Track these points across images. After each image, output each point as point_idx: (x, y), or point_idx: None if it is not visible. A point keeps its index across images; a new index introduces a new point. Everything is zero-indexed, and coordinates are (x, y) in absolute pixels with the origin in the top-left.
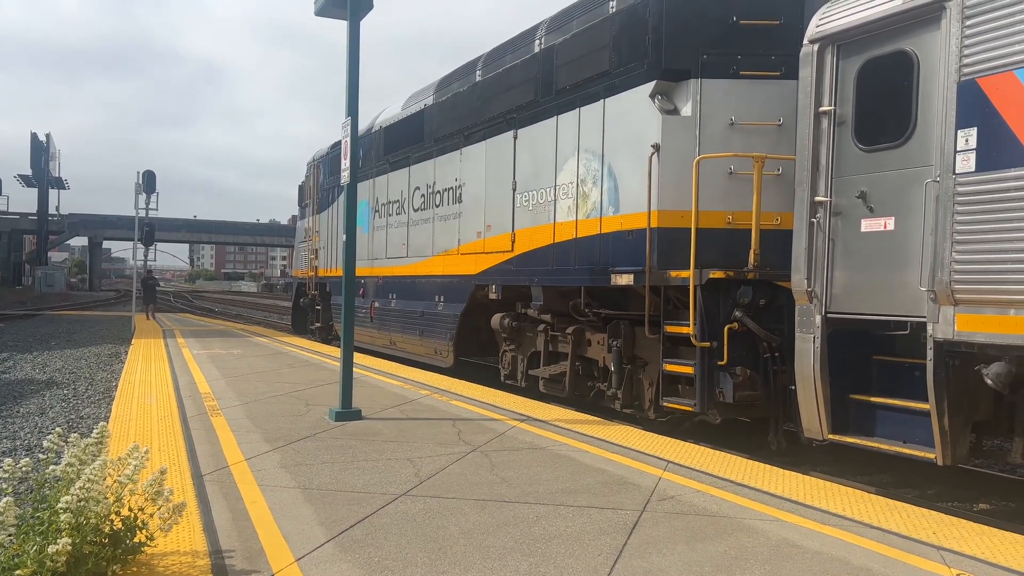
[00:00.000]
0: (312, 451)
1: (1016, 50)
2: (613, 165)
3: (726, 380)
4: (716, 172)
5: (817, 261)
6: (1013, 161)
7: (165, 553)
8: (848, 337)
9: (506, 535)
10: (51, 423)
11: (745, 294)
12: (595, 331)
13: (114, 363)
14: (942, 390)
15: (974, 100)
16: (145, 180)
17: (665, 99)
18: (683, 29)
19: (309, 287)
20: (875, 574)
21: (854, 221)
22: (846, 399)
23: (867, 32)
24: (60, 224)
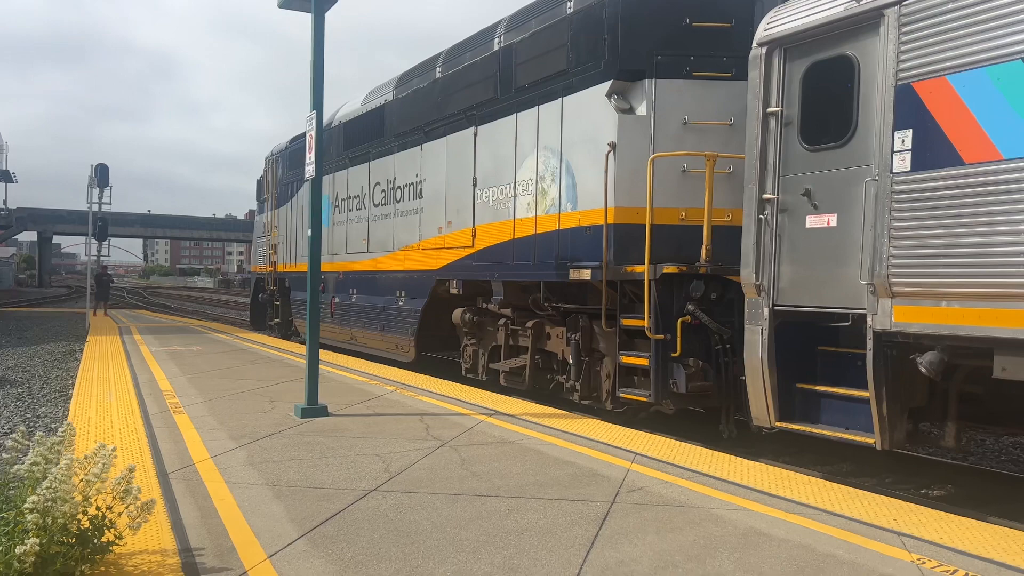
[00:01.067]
0: (279, 448)
1: (948, 56)
2: (571, 162)
3: (679, 371)
4: (670, 170)
5: (765, 256)
6: (944, 161)
7: (133, 552)
8: (795, 329)
9: (479, 528)
10: (5, 422)
11: (697, 288)
12: (554, 325)
13: (69, 361)
14: (880, 379)
15: (910, 103)
16: (98, 174)
17: (621, 99)
18: (638, 30)
19: (268, 283)
20: (840, 560)
21: (800, 218)
22: (793, 388)
23: (812, 37)
24: (8, 218)
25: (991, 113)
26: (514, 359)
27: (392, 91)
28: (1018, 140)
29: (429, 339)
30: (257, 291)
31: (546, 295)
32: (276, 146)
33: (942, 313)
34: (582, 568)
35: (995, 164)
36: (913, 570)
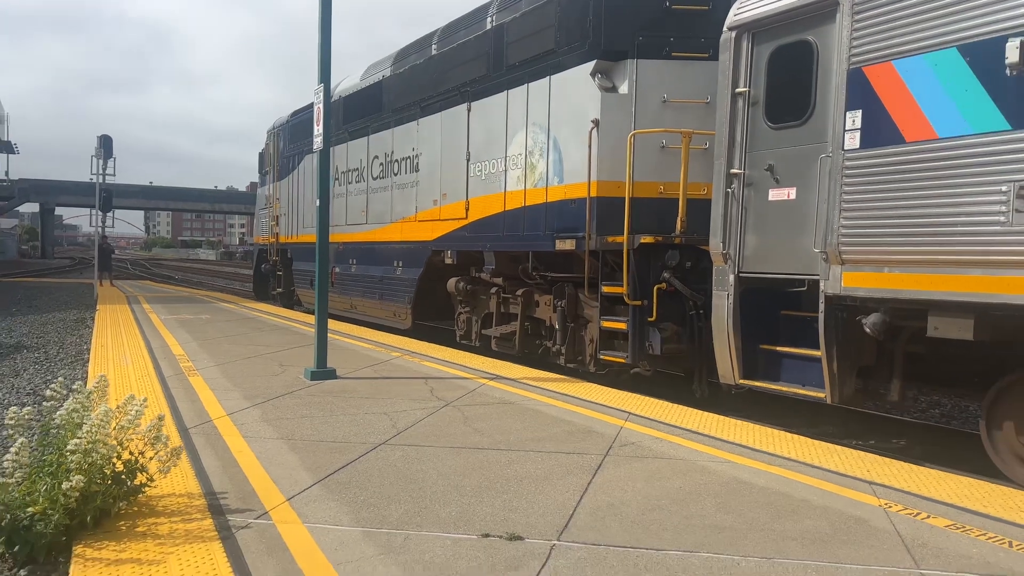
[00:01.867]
0: (291, 407)
1: (894, 43)
2: (558, 138)
3: (655, 335)
4: (650, 146)
5: (731, 227)
6: (889, 140)
7: (163, 495)
8: (759, 294)
9: (480, 476)
10: (27, 384)
11: (673, 257)
12: (542, 293)
13: (81, 328)
14: (831, 339)
15: (860, 86)
16: (103, 145)
17: (604, 77)
18: (621, 12)
19: (270, 253)
20: (813, 504)
21: (763, 191)
22: (757, 349)
23: (777, 22)
24: (10, 190)
25: (928, 96)
26: (505, 326)
27: (390, 67)
28: (951, 121)
29: (425, 307)
30: (260, 262)
31: (534, 264)
32: (278, 119)
33: (884, 278)
34: (575, 509)
35: (931, 143)
36: (880, 513)
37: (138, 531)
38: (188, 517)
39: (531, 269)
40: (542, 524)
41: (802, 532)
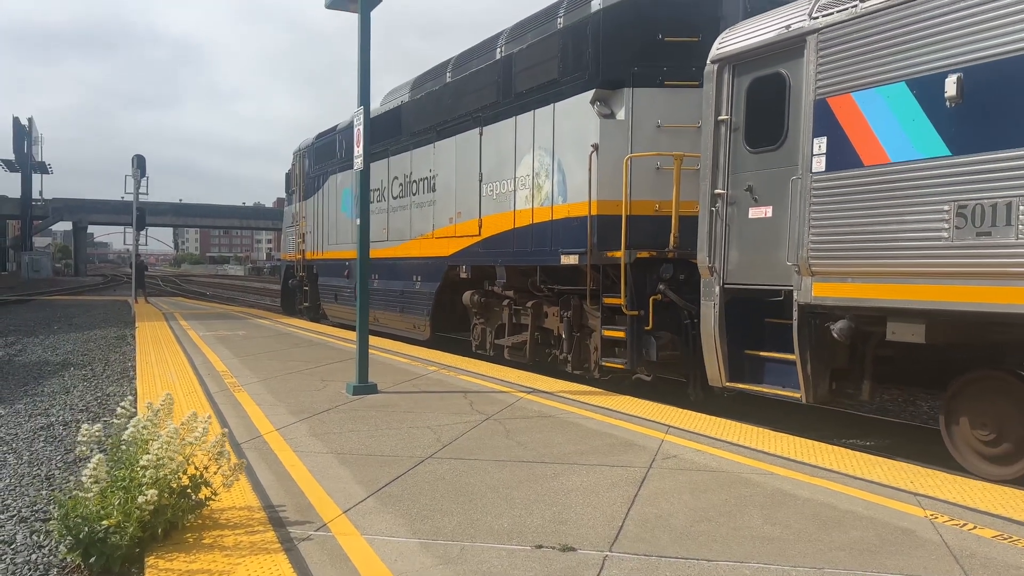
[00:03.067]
0: (337, 421)
1: (853, 76)
2: (562, 161)
3: (651, 342)
4: (646, 168)
5: (716, 242)
6: (849, 164)
7: (224, 508)
8: (745, 303)
9: (528, 489)
10: (79, 400)
11: (667, 271)
12: (550, 305)
13: (123, 345)
14: (804, 344)
15: (825, 115)
16: (137, 164)
17: (603, 105)
18: (617, 44)
19: (297, 269)
20: (859, 515)
21: (744, 209)
22: (743, 354)
23: (753, 56)
24: (44, 209)
25: (882, 124)
26: (517, 336)
27: (408, 93)
28: (901, 146)
29: (443, 319)
30: (287, 277)
31: (542, 278)
32: (303, 141)
33: (848, 288)
34: (624, 521)
35: (885, 167)
36: (926, 524)
37: (205, 543)
38: (251, 530)
39: (539, 282)
40: (593, 535)
41: (850, 543)
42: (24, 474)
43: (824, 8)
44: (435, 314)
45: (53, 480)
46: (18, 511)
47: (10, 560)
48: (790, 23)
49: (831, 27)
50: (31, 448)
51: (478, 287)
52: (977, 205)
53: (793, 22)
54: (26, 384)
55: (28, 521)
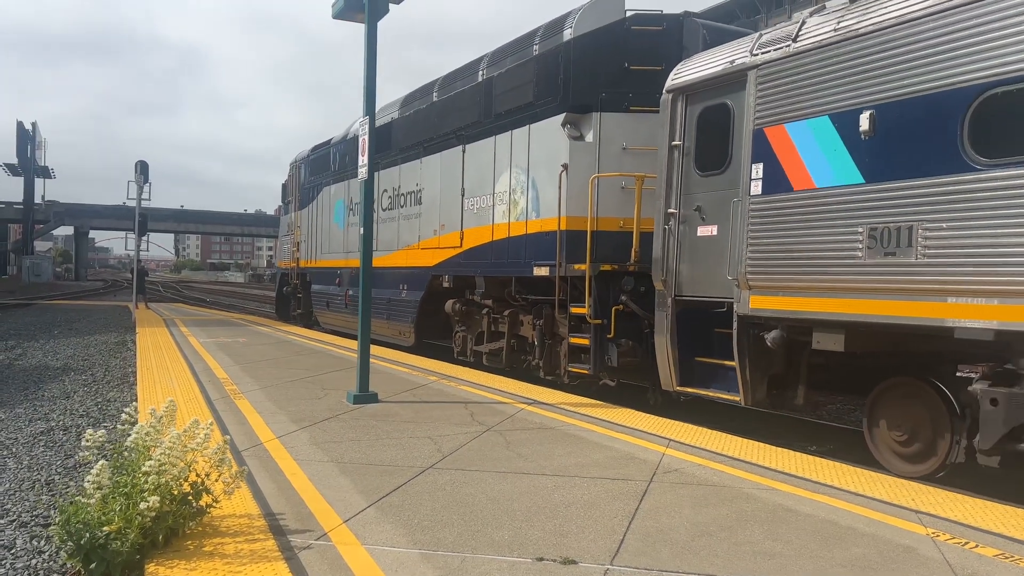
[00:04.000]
0: (338, 430)
1: (785, 109)
2: (535, 178)
3: (612, 349)
4: (612, 187)
5: (669, 257)
6: (781, 188)
7: (225, 515)
8: (697, 314)
9: (529, 501)
10: (79, 406)
11: (628, 283)
12: (525, 313)
13: (123, 351)
14: (744, 351)
15: (761, 143)
16: (140, 170)
17: (573, 128)
18: (587, 71)
19: (292, 277)
20: (860, 532)
21: (693, 228)
22: (693, 361)
23: (703, 87)
24: (45, 213)
25: (809, 153)
26: (494, 343)
27: (398, 110)
28: (824, 174)
29: (427, 327)
30: (282, 285)
31: (517, 288)
32: (300, 153)
33: (780, 301)
34: (625, 535)
35: (811, 192)
36: (928, 542)
37: (206, 551)
38: (251, 537)
39: (514, 292)
40: (594, 548)
41: (851, 559)
42: (24, 479)
43: (763, 46)
44: (419, 321)
45: (53, 485)
46: (18, 516)
47: (10, 565)
48: (734, 59)
49: (768, 63)
50: (31, 453)
51: (460, 296)
52: (885, 228)
53: (737, 58)
54: (26, 388)
55: (28, 526)
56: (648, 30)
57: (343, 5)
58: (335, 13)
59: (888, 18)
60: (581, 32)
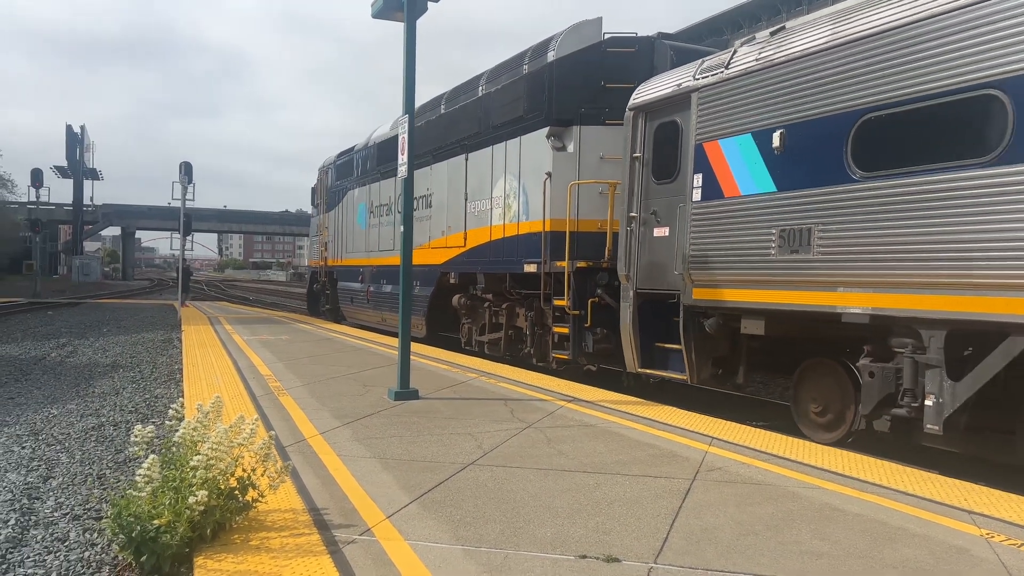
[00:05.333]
0: (379, 426)
1: (718, 127)
2: (525, 185)
3: (588, 336)
4: (591, 192)
5: (631, 255)
6: (716, 195)
7: (270, 510)
8: (655, 305)
9: (571, 498)
10: (128, 402)
11: (602, 278)
12: (520, 306)
13: (169, 348)
14: (689, 336)
15: (701, 156)
16: (184, 171)
17: (556, 139)
18: (568, 89)
19: (320, 275)
20: (911, 533)
21: (650, 229)
22: (653, 346)
23: (658, 106)
24: (94, 214)
25: (737, 165)
26: (494, 333)
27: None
28: (747, 183)
29: (437, 319)
30: (312, 282)
31: (511, 283)
32: (327, 159)
33: (716, 292)
34: (669, 533)
35: (737, 199)
36: (982, 543)
37: (252, 544)
38: (297, 532)
39: (509, 287)
40: (638, 547)
41: (902, 560)
42: (76, 473)
43: (703, 72)
44: (430, 315)
45: (104, 479)
46: (71, 509)
47: (64, 557)
48: (681, 82)
49: (706, 87)
50: (83, 448)
51: (464, 291)
52: (791, 230)
53: (683, 81)
54: (78, 385)
55: (81, 519)
56: (622, 51)
57: (382, 4)
58: (374, 12)
59: (795, 51)
60: (563, 54)
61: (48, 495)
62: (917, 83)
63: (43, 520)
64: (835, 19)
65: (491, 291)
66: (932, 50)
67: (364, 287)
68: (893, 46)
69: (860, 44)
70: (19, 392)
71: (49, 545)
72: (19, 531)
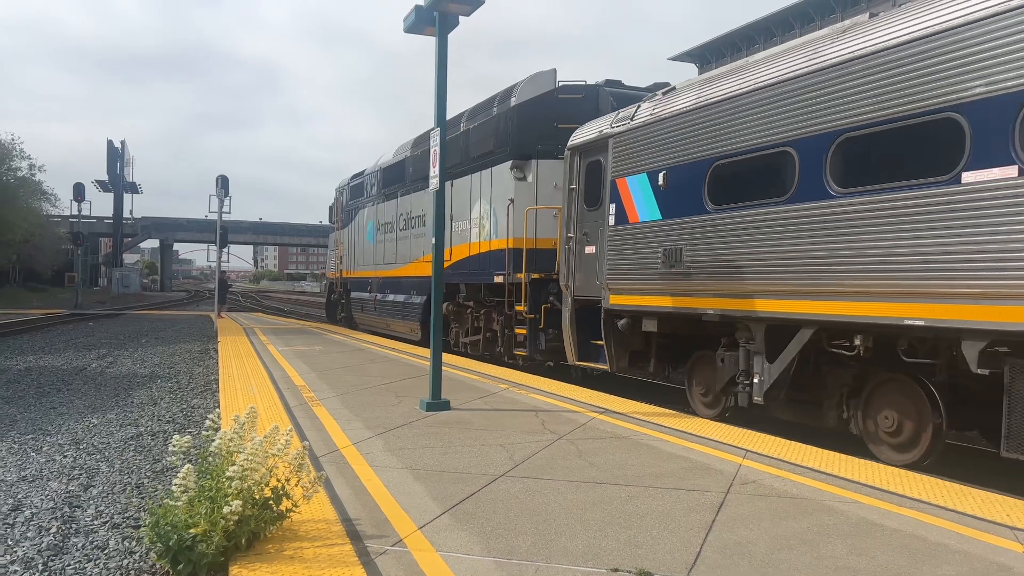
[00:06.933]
0: (411, 437)
1: (626, 166)
2: (495, 209)
3: (542, 336)
4: (547, 215)
5: (570, 269)
6: (624, 221)
7: (304, 520)
8: (590, 309)
9: (602, 511)
10: (165, 412)
11: (554, 287)
12: (495, 312)
13: (206, 359)
14: (609, 334)
15: (614, 189)
16: (221, 185)
17: (518, 171)
18: (527, 128)
19: (336, 285)
20: (951, 549)
21: (583, 247)
22: (589, 343)
23: (587, 147)
24: (134, 227)
25: (637, 197)
26: (475, 336)
27: (410, 150)
28: (644, 212)
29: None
30: (330, 292)
31: (486, 292)
32: (342, 180)
33: (626, 299)
34: (702, 547)
35: (637, 224)
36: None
37: (286, 554)
38: (330, 542)
39: (484, 295)
40: (670, 560)
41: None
42: (116, 482)
43: (617, 122)
44: (424, 320)
45: (143, 488)
46: (111, 518)
47: (103, 565)
48: (602, 129)
49: (618, 134)
50: (122, 457)
51: (451, 299)
52: (670, 249)
53: (603, 128)
54: (117, 395)
55: (120, 527)
56: (571, 98)
57: (414, 19)
58: (407, 27)
59: (672, 110)
60: (523, 100)
61: (89, 503)
62: (750, 140)
63: (84, 528)
64: (701, 85)
65: (472, 299)
66: (757, 115)
67: (372, 296)
68: (734, 111)
69: (713, 107)
70: (61, 402)
71: (89, 553)
72: (60, 539)
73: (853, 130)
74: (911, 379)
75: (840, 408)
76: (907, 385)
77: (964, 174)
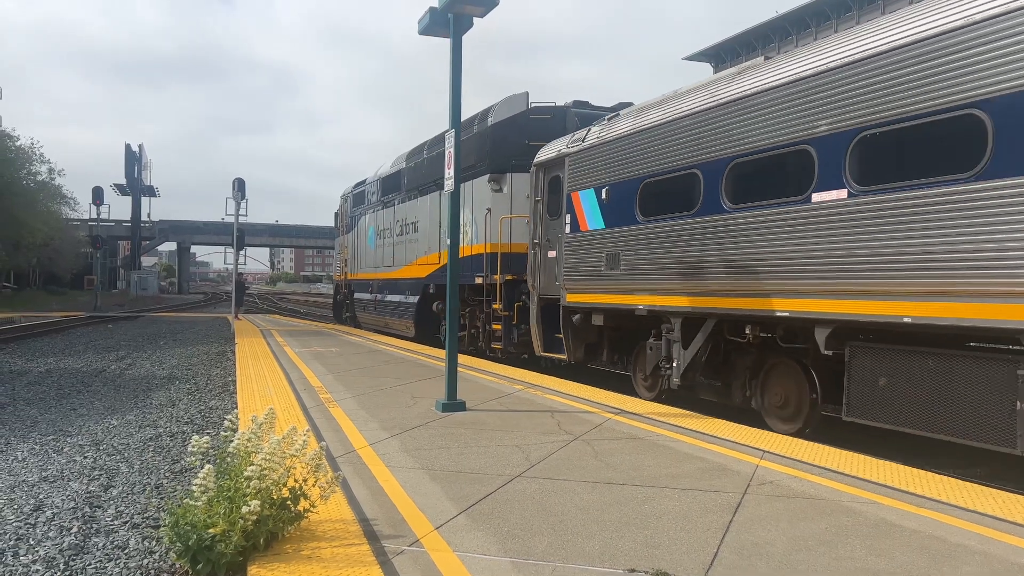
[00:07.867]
0: (427, 438)
1: (578, 182)
2: (476, 217)
3: (515, 331)
4: (520, 223)
5: (536, 270)
6: (577, 229)
7: (321, 520)
8: (554, 307)
9: (619, 512)
10: (184, 413)
11: (524, 287)
12: (478, 310)
13: (223, 361)
14: (567, 328)
15: (570, 201)
16: (238, 187)
17: (494, 183)
18: (502, 145)
19: (342, 287)
20: (971, 550)
21: (546, 252)
22: (553, 336)
23: (549, 164)
24: (151, 230)
25: (586, 209)
26: (461, 332)
27: (405, 161)
28: (592, 221)
29: (424, 323)
30: (336, 293)
31: (469, 292)
32: (346, 188)
33: (580, 297)
34: (719, 548)
35: (586, 232)
36: None
37: (303, 554)
38: (347, 542)
39: (468, 295)
40: (688, 561)
41: None
42: (135, 482)
43: (571, 143)
44: (417, 318)
45: (162, 489)
46: (131, 518)
47: (124, 564)
48: (559, 148)
49: (572, 154)
50: (141, 458)
51: (441, 299)
52: (611, 254)
53: (561, 148)
54: (136, 396)
55: (140, 527)
56: (541, 118)
57: (429, 21)
58: (421, 29)
59: (612, 135)
60: (498, 120)
61: (109, 504)
62: (670, 161)
63: (104, 528)
64: (636, 114)
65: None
66: (673, 142)
67: (373, 297)
68: (657, 137)
69: (643, 133)
70: (81, 403)
71: (110, 553)
72: (81, 539)
73: (741, 157)
74: (794, 362)
75: (744, 388)
76: (791, 367)
77: (814, 195)
